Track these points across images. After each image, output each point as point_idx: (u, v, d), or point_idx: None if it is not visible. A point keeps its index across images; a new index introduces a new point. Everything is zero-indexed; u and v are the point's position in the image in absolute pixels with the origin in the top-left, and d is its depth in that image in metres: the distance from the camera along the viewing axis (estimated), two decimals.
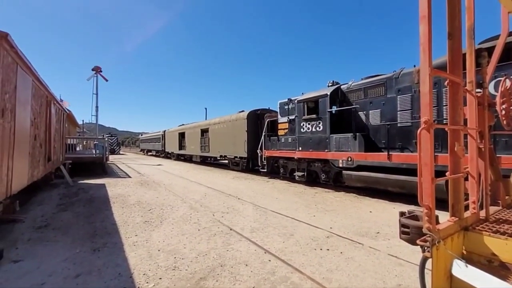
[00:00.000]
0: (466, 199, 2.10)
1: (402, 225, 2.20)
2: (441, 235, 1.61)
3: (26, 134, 5.31)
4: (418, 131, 1.53)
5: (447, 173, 1.90)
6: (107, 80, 35.11)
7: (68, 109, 16.39)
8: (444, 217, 2.02)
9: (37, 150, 6.49)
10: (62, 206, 6.36)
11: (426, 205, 1.57)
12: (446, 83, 1.85)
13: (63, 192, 8.28)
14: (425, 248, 1.69)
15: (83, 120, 39.60)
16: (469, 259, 1.78)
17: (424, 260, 1.80)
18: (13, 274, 3.03)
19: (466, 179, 2.10)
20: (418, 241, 1.67)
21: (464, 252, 1.86)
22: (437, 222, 1.72)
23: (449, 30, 1.82)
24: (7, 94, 4.02)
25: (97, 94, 33.75)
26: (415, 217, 2.22)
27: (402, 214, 2.39)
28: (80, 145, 20.92)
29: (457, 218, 1.85)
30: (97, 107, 33.41)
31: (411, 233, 2.10)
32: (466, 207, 2.08)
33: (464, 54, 2.03)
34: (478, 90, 2.26)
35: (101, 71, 34.26)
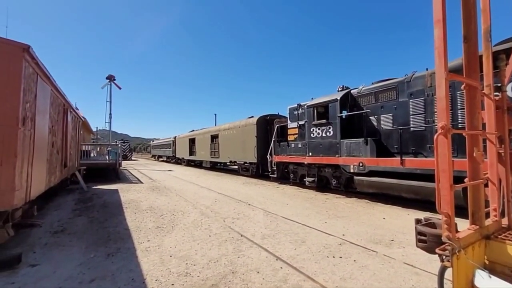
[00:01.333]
0: (486, 206, 2.02)
1: (419, 233, 2.14)
2: (461, 243, 1.56)
3: (44, 142, 5.51)
4: (435, 136, 1.50)
5: (466, 179, 1.84)
6: (120, 88, 36.14)
7: (83, 117, 16.92)
8: (463, 225, 1.95)
9: (54, 156, 6.71)
10: (77, 211, 6.52)
11: (445, 213, 1.52)
12: (462, 87, 1.81)
13: (78, 197, 8.50)
14: (444, 257, 1.63)
15: (97, 127, 40.76)
16: (492, 269, 1.70)
17: (443, 270, 1.74)
18: (30, 279, 3.11)
19: (486, 185, 2.03)
20: (437, 250, 1.62)
21: (487, 262, 1.79)
22: (456, 230, 1.67)
23: (464, 33, 1.79)
24: (28, 103, 4.20)
25: (110, 101, 34.75)
26: (432, 225, 2.16)
27: (418, 221, 2.32)
28: (94, 151, 21.49)
29: (477, 226, 1.79)
30: (110, 114, 34.34)
31: (428, 241, 2.04)
32: (487, 215, 2.00)
33: (481, 57, 1.98)
34: (496, 93, 2.19)
35: (114, 79, 35.31)
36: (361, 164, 7.62)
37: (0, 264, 3.34)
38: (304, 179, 10.09)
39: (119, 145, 16.31)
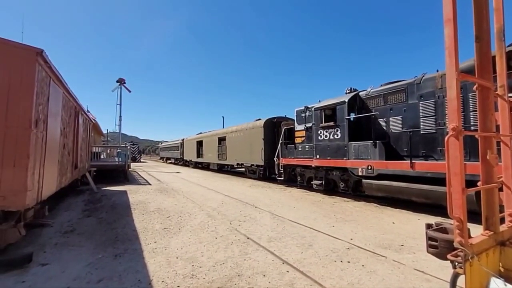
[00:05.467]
0: (501, 211, 1.94)
1: (430, 238, 2.09)
2: (474, 250, 1.50)
3: (56, 143, 5.64)
4: (446, 138, 1.45)
5: (479, 183, 1.78)
6: (130, 91, 36.86)
7: (94, 119, 17.29)
8: (476, 231, 1.87)
9: (66, 158, 6.86)
10: (86, 212, 6.63)
11: (457, 217, 1.47)
12: (474, 87, 1.75)
13: (88, 198, 8.65)
14: (456, 263, 1.58)
15: (107, 130, 41.58)
16: (508, 277, 1.63)
17: (455, 277, 1.68)
18: (40, 278, 3.17)
19: (501, 189, 1.95)
20: (449, 256, 1.56)
21: (502, 269, 1.72)
22: (469, 236, 1.61)
23: (476, 32, 1.74)
24: (40, 106, 4.31)
25: (120, 104, 35.45)
26: (443, 230, 2.09)
27: (429, 226, 2.26)
28: (104, 153, 21.88)
29: (492, 232, 1.72)
30: (120, 117, 35.01)
31: (439, 246, 1.98)
32: (502, 220, 1.93)
33: (494, 57, 1.92)
34: (511, 94, 2.12)
35: (124, 83, 36.02)
36: (369, 167, 7.50)
37: (12, 262, 3.43)
38: (312, 182, 10.00)
39: (128, 147, 16.57)
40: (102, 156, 19.96)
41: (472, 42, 1.83)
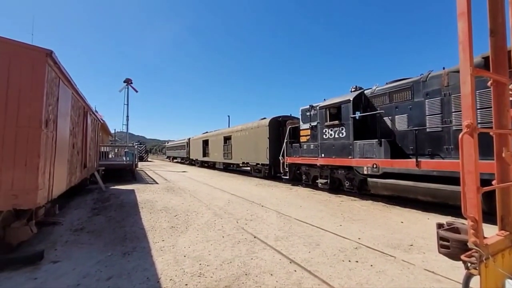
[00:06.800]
0: None
1: (441, 238, 2.05)
2: (490, 250, 1.46)
3: (65, 143, 5.73)
4: (460, 135, 1.41)
5: (494, 182, 1.73)
6: (137, 91, 37.25)
7: (102, 119, 17.52)
8: (488, 231, 1.83)
9: (75, 157, 6.96)
10: (95, 211, 6.73)
11: (472, 217, 1.43)
12: (489, 83, 1.70)
13: (97, 197, 8.78)
14: (470, 264, 1.54)
15: (115, 129, 42.12)
16: None
17: (468, 278, 1.64)
18: (52, 275, 3.23)
19: None
20: (462, 257, 1.52)
21: None
22: (483, 236, 1.57)
23: (491, 26, 1.69)
24: (50, 106, 4.38)
25: (127, 104, 35.85)
26: (455, 230, 2.05)
27: (440, 226, 2.22)
28: (112, 153, 22.16)
29: (507, 232, 1.67)
30: (127, 116, 35.42)
31: (451, 247, 1.94)
32: None
33: (509, 52, 1.86)
34: None
35: (131, 83, 36.41)
36: (375, 166, 7.41)
37: (24, 260, 3.50)
38: (317, 181, 9.94)
39: (136, 147, 16.75)
40: (110, 156, 20.22)
41: (485, 37, 1.77)
